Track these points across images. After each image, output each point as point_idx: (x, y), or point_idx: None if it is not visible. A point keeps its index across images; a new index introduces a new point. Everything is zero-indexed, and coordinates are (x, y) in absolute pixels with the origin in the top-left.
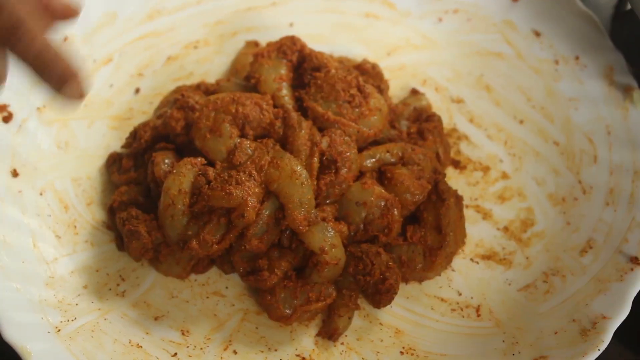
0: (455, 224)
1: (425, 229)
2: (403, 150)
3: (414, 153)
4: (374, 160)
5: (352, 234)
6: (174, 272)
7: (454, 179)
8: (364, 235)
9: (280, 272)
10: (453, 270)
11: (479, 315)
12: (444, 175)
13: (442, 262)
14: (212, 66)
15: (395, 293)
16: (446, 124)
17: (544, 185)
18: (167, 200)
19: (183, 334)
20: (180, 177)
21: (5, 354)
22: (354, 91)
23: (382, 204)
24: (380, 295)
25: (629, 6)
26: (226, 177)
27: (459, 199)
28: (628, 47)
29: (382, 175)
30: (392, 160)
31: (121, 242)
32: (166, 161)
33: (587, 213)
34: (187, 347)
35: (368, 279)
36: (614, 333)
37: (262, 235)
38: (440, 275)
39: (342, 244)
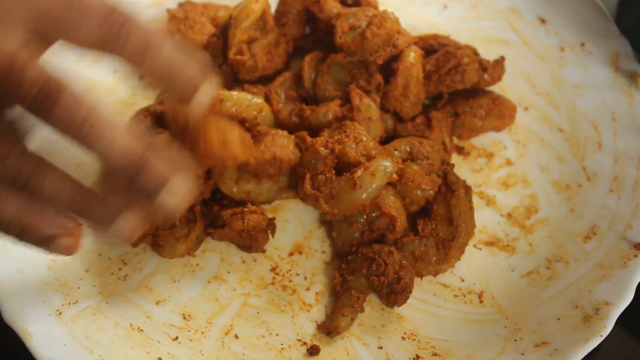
0: (466, 215)
1: (436, 221)
2: (411, 145)
3: (422, 146)
4: None
5: (358, 234)
6: (179, 251)
7: (458, 166)
8: (371, 235)
9: None
10: None
11: (481, 302)
12: (453, 166)
13: (456, 253)
14: None
15: (411, 292)
16: None
17: (548, 172)
18: None
19: (184, 318)
20: None
21: (5, 335)
22: None
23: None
24: (396, 295)
25: None
26: None
27: (468, 189)
28: (634, 33)
29: None
30: (401, 157)
31: None
32: None
33: (591, 200)
34: (189, 331)
35: (382, 279)
36: (617, 319)
37: None
38: (454, 267)
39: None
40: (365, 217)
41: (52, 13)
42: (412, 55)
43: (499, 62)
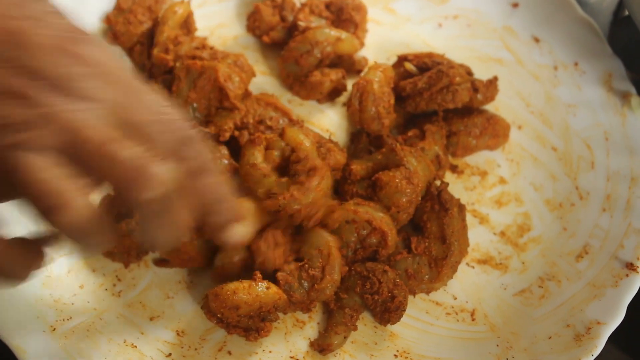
0: (459, 233)
1: (429, 239)
2: (386, 157)
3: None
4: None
5: (351, 253)
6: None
7: (451, 184)
8: (364, 253)
9: None
10: None
11: (473, 320)
12: (447, 184)
13: (448, 272)
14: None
15: (404, 310)
16: None
17: (541, 190)
18: None
19: (178, 334)
20: None
21: (0, 352)
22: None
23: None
24: (390, 314)
25: (627, 12)
26: None
27: (461, 207)
28: (626, 53)
29: (374, 184)
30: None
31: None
32: None
33: (583, 219)
34: (182, 347)
35: (376, 297)
36: (612, 338)
37: None
38: (446, 285)
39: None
40: (356, 235)
41: (138, 118)
42: (377, 74)
43: (492, 82)
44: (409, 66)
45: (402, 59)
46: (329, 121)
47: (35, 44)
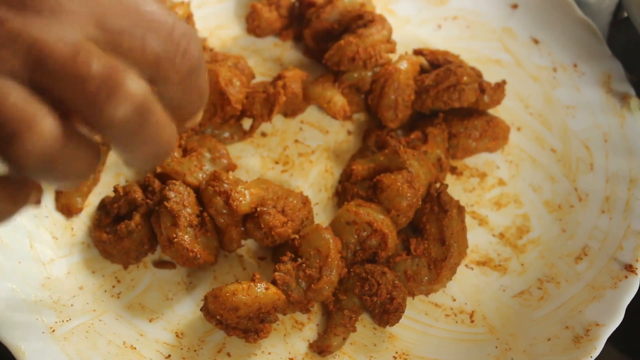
0: (459, 235)
1: (429, 241)
2: (389, 159)
3: (403, 159)
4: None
5: (351, 254)
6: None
7: (451, 185)
8: (364, 255)
9: None
10: None
11: (472, 321)
12: (446, 186)
13: (448, 273)
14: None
15: (403, 312)
16: None
17: (540, 192)
18: None
19: (177, 336)
20: None
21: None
22: None
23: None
24: (389, 315)
25: (626, 14)
26: None
27: (461, 209)
28: (626, 54)
29: (375, 185)
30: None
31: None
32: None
33: (582, 220)
34: (181, 349)
35: (375, 299)
36: (611, 339)
37: None
38: (445, 287)
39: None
40: (356, 237)
41: (118, 23)
42: (403, 64)
43: (500, 86)
44: (422, 61)
45: (417, 53)
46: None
47: None
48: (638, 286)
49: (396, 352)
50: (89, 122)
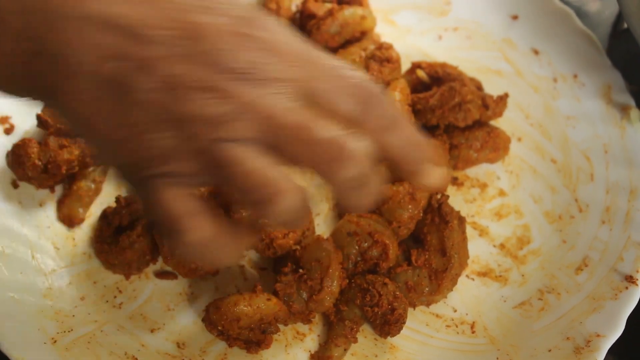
0: (460, 246)
1: (430, 252)
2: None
3: None
4: None
5: (352, 265)
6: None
7: (451, 196)
8: (365, 265)
9: None
10: None
11: (473, 332)
12: (447, 197)
13: (449, 284)
14: None
15: (404, 322)
16: None
17: (540, 202)
18: None
19: (179, 346)
20: None
21: None
22: None
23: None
24: (390, 326)
25: (626, 25)
26: None
27: (462, 220)
28: (626, 65)
29: None
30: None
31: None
32: None
33: (583, 231)
34: (183, 359)
35: (376, 310)
36: (612, 350)
37: None
38: (446, 297)
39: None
40: (357, 247)
41: (322, 88)
42: (396, 94)
43: (502, 99)
44: (421, 74)
45: (415, 66)
46: None
47: (214, 34)
48: (639, 297)
49: None
50: (320, 175)
